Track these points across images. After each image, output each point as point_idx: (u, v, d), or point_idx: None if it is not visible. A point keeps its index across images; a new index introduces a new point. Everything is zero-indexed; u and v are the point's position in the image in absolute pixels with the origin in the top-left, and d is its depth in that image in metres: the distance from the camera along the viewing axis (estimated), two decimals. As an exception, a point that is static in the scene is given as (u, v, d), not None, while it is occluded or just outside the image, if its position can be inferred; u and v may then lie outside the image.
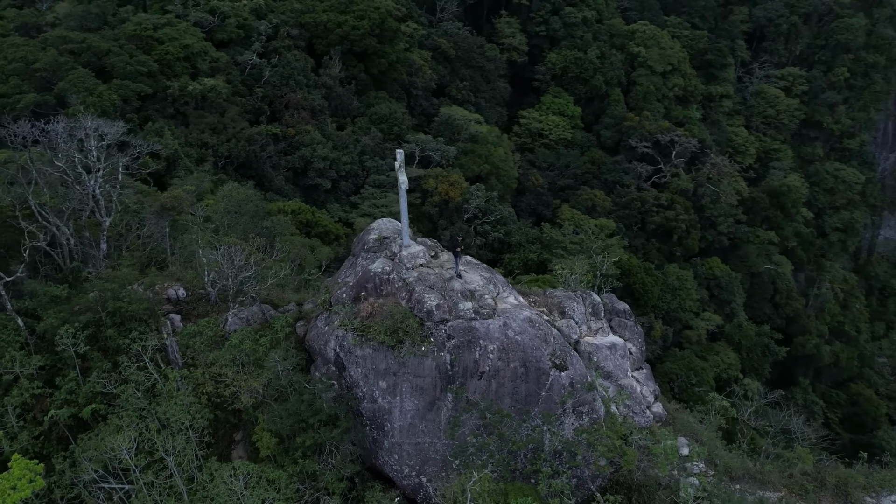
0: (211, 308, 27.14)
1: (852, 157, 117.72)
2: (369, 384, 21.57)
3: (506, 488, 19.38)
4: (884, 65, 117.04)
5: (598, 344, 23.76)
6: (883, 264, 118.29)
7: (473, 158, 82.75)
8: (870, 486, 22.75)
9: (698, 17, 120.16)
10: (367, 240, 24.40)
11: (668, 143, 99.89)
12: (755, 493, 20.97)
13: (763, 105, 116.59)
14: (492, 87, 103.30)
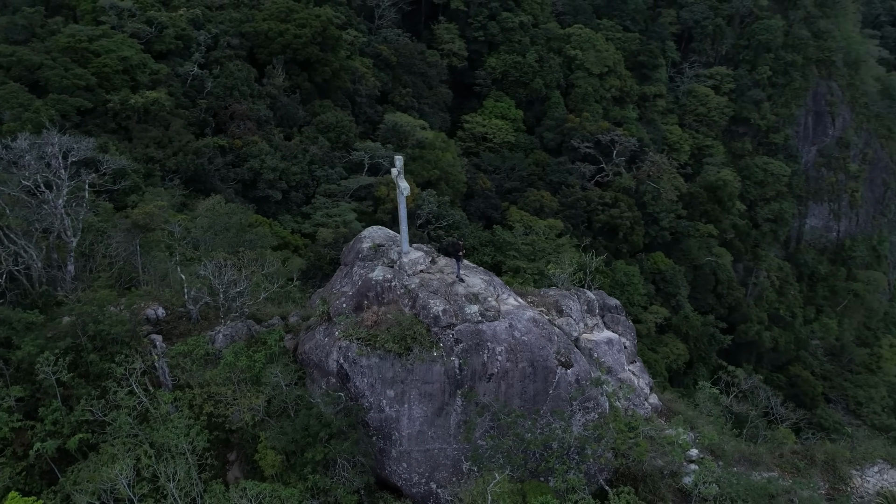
0: (193, 326, 26.29)
1: (778, 150, 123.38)
2: (376, 394, 21.33)
3: (523, 488, 19.51)
4: (801, 63, 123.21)
5: (597, 340, 24.22)
6: (810, 251, 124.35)
7: (423, 164, 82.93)
8: (854, 459, 23.96)
9: (629, 19, 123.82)
10: (360, 248, 24.14)
11: (609, 142, 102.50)
12: (751, 474, 21.75)
13: (694, 103, 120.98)
14: (434, 92, 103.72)
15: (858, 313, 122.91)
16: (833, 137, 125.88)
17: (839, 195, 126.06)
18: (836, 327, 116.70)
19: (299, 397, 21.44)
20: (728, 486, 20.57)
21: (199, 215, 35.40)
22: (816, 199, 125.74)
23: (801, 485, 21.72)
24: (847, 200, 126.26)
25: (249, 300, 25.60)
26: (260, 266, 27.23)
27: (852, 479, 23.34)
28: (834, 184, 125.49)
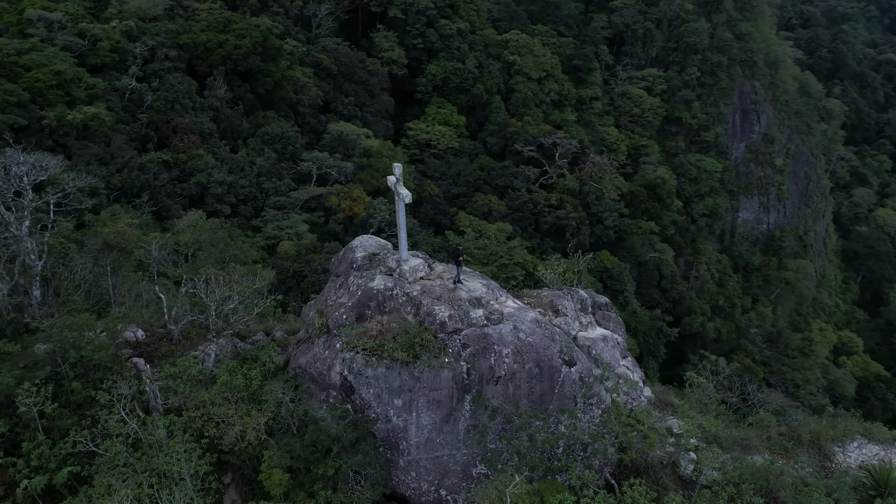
0: (175, 347, 25.32)
1: (710, 148, 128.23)
2: (383, 404, 21.03)
3: (539, 487, 19.61)
4: (726, 64, 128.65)
5: (593, 337, 24.60)
6: (744, 244, 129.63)
7: (371, 173, 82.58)
8: (836, 437, 25.13)
9: (563, 24, 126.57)
10: (354, 258, 23.79)
11: (551, 145, 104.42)
12: (746, 457, 22.52)
13: (629, 105, 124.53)
14: (376, 100, 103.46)
15: (790, 300, 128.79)
16: (759, 134, 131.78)
17: (767, 189, 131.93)
18: (771, 315, 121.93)
19: (304, 413, 20.90)
20: (732, 470, 21.23)
21: (180, 231, 34.12)
22: (747, 193, 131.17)
23: (801, 463, 22.67)
24: (775, 193, 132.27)
25: (244, 316, 24.86)
26: (252, 281, 26.47)
27: (836, 456, 24.52)
28: (762, 178, 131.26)
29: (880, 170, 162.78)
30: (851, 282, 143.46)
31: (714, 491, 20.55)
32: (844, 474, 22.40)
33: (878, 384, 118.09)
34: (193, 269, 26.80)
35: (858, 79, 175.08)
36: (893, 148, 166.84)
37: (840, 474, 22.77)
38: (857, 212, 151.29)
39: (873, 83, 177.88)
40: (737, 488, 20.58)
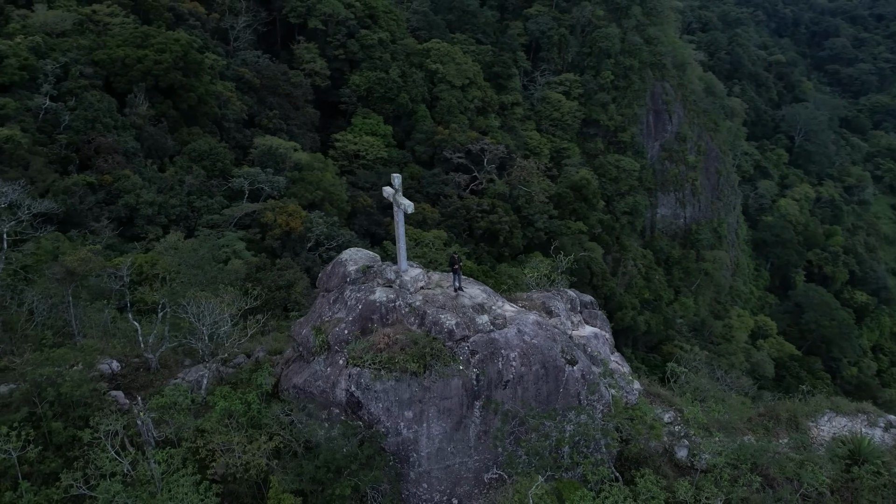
0: (153, 377, 24.05)
1: (627, 148, 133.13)
2: (392, 417, 20.68)
3: (557, 486, 19.80)
4: (638, 67, 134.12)
5: (586, 335, 25.08)
6: (664, 238, 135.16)
7: (305, 186, 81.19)
8: (809, 413, 26.63)
9: (481, 32, 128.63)
10: (346, 272, 23.32)
11: (479, 151, 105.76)
12: (743, 440, 23.57)
13: (549, 109, 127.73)
14: (301, 113, 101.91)
15: (709, 290, 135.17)
16: (672, 133, 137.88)
17: (682, 185, 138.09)
18: (693, 305, 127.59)
19: (312, 434, 20.24)
20: (730, 452, 22.13)
21: (159, 254, 32.22)
22: (664, 190, 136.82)
23: (795, 438, 23.89)
24: (689, 189, 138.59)
25: (238, 339, 23.87)
26: (244, 301, 25.42)
27: (811, 431, 25.99)
28: (677, 175, 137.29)
29: (779, 163, 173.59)
30: (762, 269, 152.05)
31: (717, 474, 21.37)
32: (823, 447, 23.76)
33: (793, 363, 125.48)
34: (175, 293, 25.44)
35: (754, 78, 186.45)
36: (789, 142, 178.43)
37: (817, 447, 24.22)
38: (762, 203, 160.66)
39: (767, 82, 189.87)
40: (735, 469, 21.50)
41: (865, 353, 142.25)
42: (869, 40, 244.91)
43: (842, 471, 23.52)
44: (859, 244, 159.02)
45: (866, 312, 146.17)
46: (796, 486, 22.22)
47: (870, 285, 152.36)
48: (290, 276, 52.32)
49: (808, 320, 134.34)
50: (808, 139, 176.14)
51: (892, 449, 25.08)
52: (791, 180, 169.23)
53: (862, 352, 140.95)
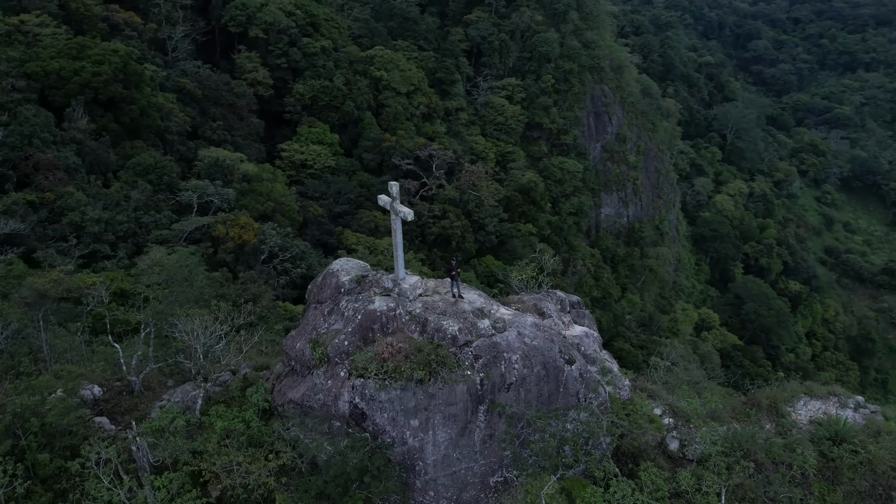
0: (137, 400, 23.14)
1: (570, 150, 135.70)
2: (398, 427, 20.47)
3: (565, 485, 19.99)
4: (577, 70, 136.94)
5: (578, 335, 25.41)
6: (608, 237, 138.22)
7: (255, 198, 79.75)
8: (786, 398, 27.71)
9: (422, 39, 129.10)
10: (340, 283, 22.99)
11: (428, 157, 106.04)
12: (738, 429, 24.33)
13: (493, 114, 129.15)
14: (245, 123, 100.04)
15: (654, 286, 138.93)
16: (612, 134, 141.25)
17: (624, 184, 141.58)
18: (639, 301, 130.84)
19: (318, 448, 19.81)
20: (725, 441, 22.83)
21: (143, 271, 30.74)
22: (607, 190, 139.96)
23: (783, 423, 24.80)
24: (631, 188, 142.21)
25: (235, 356, 23.17)
26: (238, 317, 24.65)
27: (790, 415, 27.05)
28: (619, 175, 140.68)
29: (713, 160, 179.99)
30: (702, 263, 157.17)
31: (714, 462, 22.02)
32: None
33: (736, 353, 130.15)
34: (160, 312, 24.38)
35: (686, 80, 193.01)
36: (721, 140, 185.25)
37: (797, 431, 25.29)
38: (699, 199, 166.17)
39: (698, 83, 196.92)
40: (728, 457, 22.21)
41: (801, 339, 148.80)
42: (788, 42, 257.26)
43: (822, 451, 24.62)
44: (790, 236, 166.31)
45: (800, 301, 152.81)
46: (784, 469, 23.12)
47: (801, 275, 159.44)
48: (255, 289, 51.23)
49: (747, 311, 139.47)
50: (739, 137, 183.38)
51: (865, 428, 26.39)
52: (725, 177, 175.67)
53: (798, 338, 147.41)
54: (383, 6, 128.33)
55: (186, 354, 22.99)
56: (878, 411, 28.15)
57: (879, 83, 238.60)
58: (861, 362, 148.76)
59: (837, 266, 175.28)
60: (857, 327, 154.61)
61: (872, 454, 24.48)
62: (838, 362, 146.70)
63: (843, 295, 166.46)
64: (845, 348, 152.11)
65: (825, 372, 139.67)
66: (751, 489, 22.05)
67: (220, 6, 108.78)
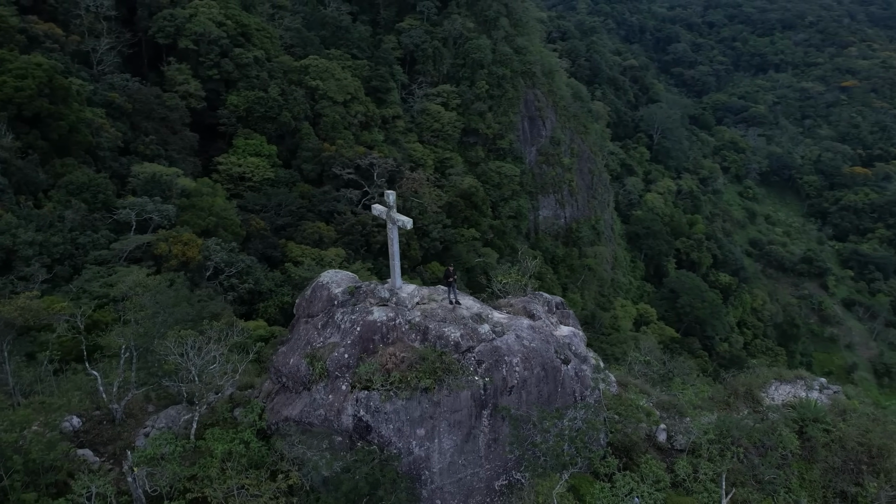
0: (120, 429, 22.09)
1: (506, 154, 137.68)
2: (404, 437, 20.23)
3: (573, 483, 20.22)
4: (510, 76, 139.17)
5: (566, 335, 25.72)
6: (547, 239, 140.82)
7: (196, 213, 77.37)
8: (761, 384, 28.93)
9: (356, 48, 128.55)
10: (331, 295, 22.56)
11: (369, 166, 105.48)
12: (730, 417, 25.19)
13: (429, 120, 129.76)
14: (179, 137, 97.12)
15: (594, 284, 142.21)
16: (546, 137, 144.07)
17: (560, 186, 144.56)
18: (580, 300, 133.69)
19: (328, 465, 19.36)
20: (715, 429, 23.63)
21: (125, 294, 28.97)
22: (544, 192, 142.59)
23: (773, 408, 25.82)
24: (567, 190, 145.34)
25: (231, 377, 22.34)
26: (229, 336, 23.74)
27: (764, 400, 28.25)
28: (554, 177, 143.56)
29: (642, 160, 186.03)
30: (637, 260, 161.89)
31: (706, 450, 22.79)
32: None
33: (674, 345, 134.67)
34: (143, 335, 23.16)
35: (612, 83, 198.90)
36: (649, 140, 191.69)
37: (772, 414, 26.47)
38: (631, 198, 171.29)
39: (624, 86, 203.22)
40: (719, 444, 23.04)
41: (733, 329, 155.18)
42: (704, 45, 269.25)
43: (797, 432, 25.83)
44: (718, 230, 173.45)
45: (730, 292, 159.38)
46: (771, 451, 24.14)
47: (730, 267, 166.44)
48: (214, 307, 49.76)
49: (682, 304, 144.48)
50: (665, 137, 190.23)
51: (832, 407, 27.84)
52: (654, 175, 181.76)
53: (730, 328, 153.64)
54: (314, 15, 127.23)
55: (175, 377, 22.11)
56: (840, 391, 29.79)
57: (788, 83, 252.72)
58: (788, 347, 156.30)
59: (761, 257, 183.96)
60: (783, 314, 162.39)
61: (843, 432, 25.87)
62: (768, 349, 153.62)
63: (768, 284, 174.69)
64: (773, 335, 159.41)
65: (757, 358, 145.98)
66: (740, 473, 22.95)
67: (146, 17, 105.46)
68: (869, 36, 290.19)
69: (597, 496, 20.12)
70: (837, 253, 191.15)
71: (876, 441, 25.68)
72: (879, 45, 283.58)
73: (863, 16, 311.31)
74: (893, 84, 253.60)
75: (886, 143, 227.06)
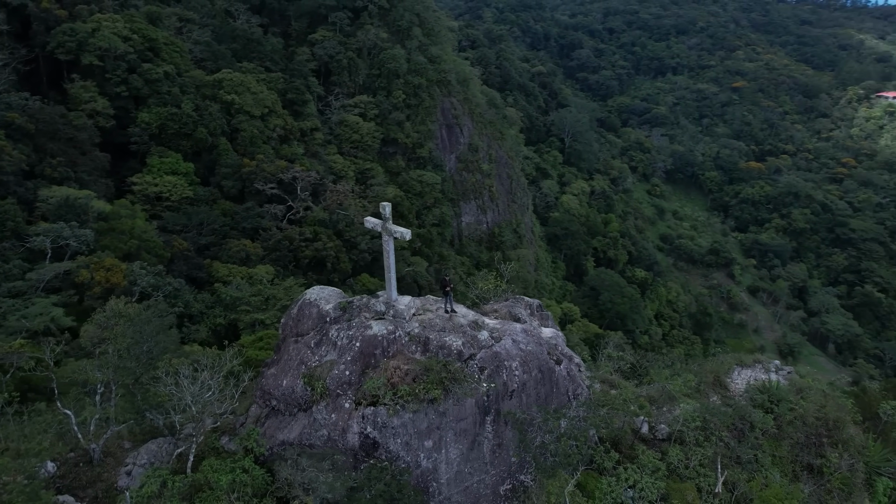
0: (100, 470, 20.70)
1: (426, 162, 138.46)
2: (412, 451, 19.92)
3: (580, 480, 20.48)
4: (426, 85, 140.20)
5: (551, 336, 26.07)
6: (471, 244, 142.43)
7: (117, 237, 73.76)
8: (726, 371, 30.34)
9: (269, 60, 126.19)
10: (323, 312, 21.96)
11: (292, 180, 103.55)
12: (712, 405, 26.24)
13: (348, 132, 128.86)
14: (89, 158, 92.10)
15: (519, 286, 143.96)
16: (464, 145, 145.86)
17: (481, 192, 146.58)
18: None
19: (343, 485, 18.77)
20: (699, 417, 24.58)
21: (102, 325, 26.43)
22: (465, 198, 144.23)
23: (747, 392, 27.01)
24: (487, 195, 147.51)
25: (230, 405, 21.20)
26: (221, 363, 22.45)
27: (730, 385, 29.64)
28: (475, 183, 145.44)
29: (555, 163, 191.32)
30: (558, 260, 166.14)
31: (692, 437, 23.71)
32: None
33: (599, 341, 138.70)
34: (124, 369, 21.56)
35: (523, 89, 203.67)
36: (561, 144, 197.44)
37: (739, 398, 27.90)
38: (548, 201, 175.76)
39: (534, 92, 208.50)
40: (705, 430, 24.04)
41: (651, 321, 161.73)
42: (606, 50, 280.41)
43: (764, 412, 27.30)
44: (631, 228, 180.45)
45: (646, 286, 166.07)
46: (749, 432, 25.39)
47: (645, 262, 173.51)
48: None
49: (604, 300, 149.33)
50: (576, 140, 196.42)
51: (790, 387, 29.59)
52: (568, 178, 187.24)
53: (649, 321, 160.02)
54: (224, 28, 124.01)
55: (162, 409, 20.94)
56: (793, 371, 31.71)
57: (686, 85, 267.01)
58: (702, 335, 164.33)
59: (672, 251, 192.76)
60: (696, 304, 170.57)
61: (804, 409, 27.56)
62: (684, 338, 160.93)
63: (680, 277, 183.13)
64: (688, 325, 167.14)
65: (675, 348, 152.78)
66: (722, 456, 24.04)
67: (42, 32, 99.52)
68: (753, 40, 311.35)
69: (605, 491, 20.58)
70: (740, 243, 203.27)
71: (832, 415, 27.53)
72: (762, 49, 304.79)
73: (746, 22, 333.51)
74: (777, 84, 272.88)
75: (775, 139, 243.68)
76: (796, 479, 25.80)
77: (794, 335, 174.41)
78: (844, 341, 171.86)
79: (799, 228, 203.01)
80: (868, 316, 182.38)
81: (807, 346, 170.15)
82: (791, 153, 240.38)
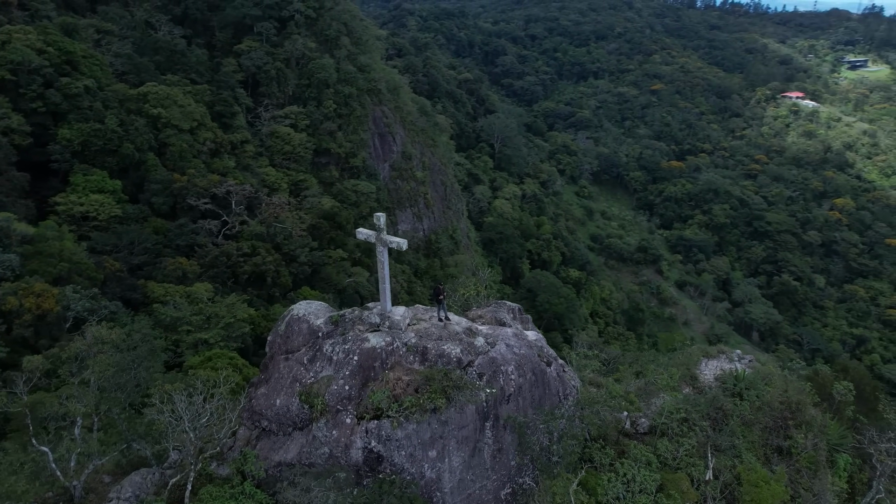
0: (83, 505, 19.56)
1: (360, 172, 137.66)
2: (417, 462, 19.65)
3: (582, 479, 20.70)
4: (356, 94, 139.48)
5: (536, 339, 26.23)
6: (409, 252, 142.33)
7: (45, 260, 70.04)
8: (695, 363, 31.38)
9: (194, 72, 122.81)
10: (314, 327, 21.39)
11: (226, 194, 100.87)
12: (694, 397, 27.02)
13: (279, 143, 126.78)
14: (6, 178, 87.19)
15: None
16: (397, 153, 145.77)
17: (416, 200, 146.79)
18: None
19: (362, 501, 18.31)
20: (681, 408, 25.33)
21: (84, 351, 24.29)
22: (400, 207, 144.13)
23: (720, 380, 27.91)
24: (422, 203, 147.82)
25: (231, 427, 20.24)
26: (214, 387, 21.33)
27: (699, 377, 30.69)
28: (409, 191, 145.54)
29: (486, 168, 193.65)
30: (494, 265, 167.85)
31: (679, 428, 24.43)
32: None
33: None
34: (109, 399, 20.17)
35: (451, 96, 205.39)
36: (490, 149, 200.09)
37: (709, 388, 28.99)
38: (481, 206, 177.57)
39: (462, 98, 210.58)
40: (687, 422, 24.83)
41: (587, 320, 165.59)
42: (529, 56, 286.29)
43: (738, 399, 28.46)
44: (563, 229, 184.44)
45: (581, 285, 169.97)
46: (729, 421, 26.38)
47: (577, 262, 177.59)
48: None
49: (541, 302, 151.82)
50: (505, 145, 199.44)
51: (755, 374, 30.95)
52: (499, 182, 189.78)
53: (585, 320, 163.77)
54: (146, 40, 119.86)
55: (149, 438, 19.94)
56: (753, 359, 33.16)
57: (607, 88, 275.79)
58: (636, 331, 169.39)
59: (603, 250, 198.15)
60: (628, 301, 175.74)
61: (770, 394, 28.90)
62: (619, 334, 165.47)
63: (611, 275, 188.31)
64: (622, 321, 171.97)
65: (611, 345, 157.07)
66: (702, 445, 24.91)
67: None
68: (668, 45, 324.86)
69: (607, 487, 20.94)
70: (666, 240, 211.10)
71: (794, 398, 28.97)
72: (677, 53, 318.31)
73: (660, 27, 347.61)
74: (693, 86, 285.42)
75: (693, 139, 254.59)
76: (768, 462, 27.08)
77: (720, 325, 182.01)
78: (767, 329, 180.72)
79: (720, 223, 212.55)
80: (786, 303, 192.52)
81: (733, 335, 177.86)
82: (709, 152, 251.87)
